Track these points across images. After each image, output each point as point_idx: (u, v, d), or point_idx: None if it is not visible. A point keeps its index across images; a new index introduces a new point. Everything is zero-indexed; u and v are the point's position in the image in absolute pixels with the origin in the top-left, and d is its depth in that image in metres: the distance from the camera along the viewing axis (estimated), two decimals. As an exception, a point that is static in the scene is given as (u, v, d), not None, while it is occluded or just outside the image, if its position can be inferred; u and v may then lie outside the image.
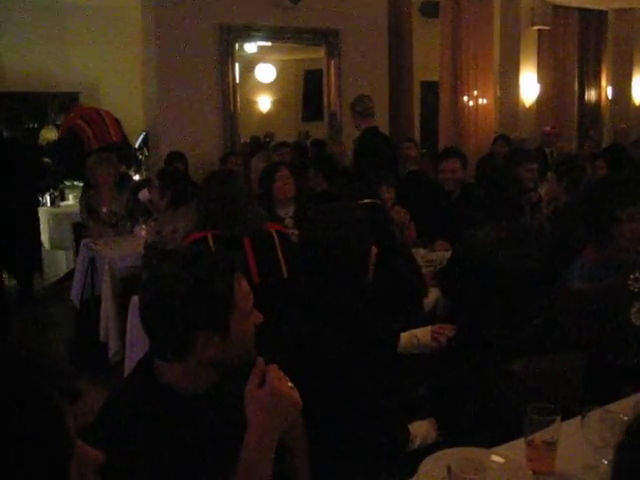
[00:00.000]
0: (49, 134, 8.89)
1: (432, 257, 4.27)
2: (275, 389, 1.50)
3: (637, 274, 2.70)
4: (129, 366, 3.72)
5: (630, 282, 2.70)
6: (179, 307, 1.51)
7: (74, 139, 6.66)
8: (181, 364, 1.55)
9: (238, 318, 1.57)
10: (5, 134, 7.08)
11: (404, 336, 2.58)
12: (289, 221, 4.25)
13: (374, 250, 2.34)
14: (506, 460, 1.82)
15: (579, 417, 1.91)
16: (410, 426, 2.32)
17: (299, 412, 1.58)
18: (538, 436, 1.82)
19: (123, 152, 6.48)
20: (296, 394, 1.54)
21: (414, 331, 2.61)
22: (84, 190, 6.09)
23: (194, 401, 1.56)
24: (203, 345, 1.53)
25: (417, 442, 2.29)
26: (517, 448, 1.91)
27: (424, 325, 2.73)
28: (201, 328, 1.52)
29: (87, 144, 6.77)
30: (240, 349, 1.59)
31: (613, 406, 2.14)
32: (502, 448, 1.97)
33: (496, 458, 1.82)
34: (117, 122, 7.24)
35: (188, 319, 1.51)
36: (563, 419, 1.85)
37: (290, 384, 1.54)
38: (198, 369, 1.56)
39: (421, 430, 2.33)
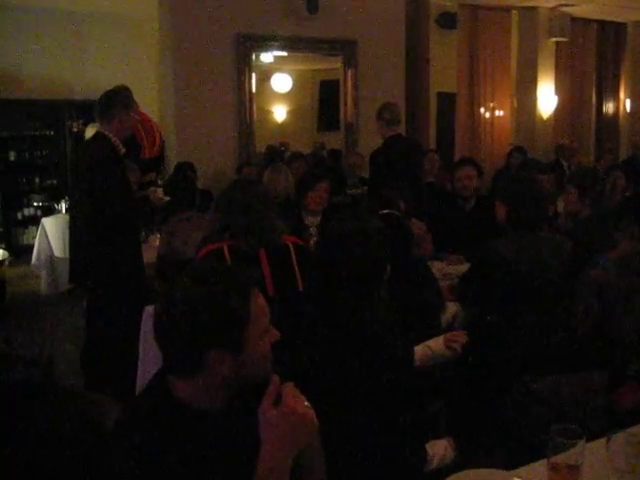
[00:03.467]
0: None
1: (449, 270, 4.21)
2: (291, 409, 1.46)
3: None
4: (141, 378, 3.67)
5: None
6: (192, 323, 1.48)
7: (133, 143, 6.56)
8: (195, 381, 1.52)
9: (253, 336, 1.53)
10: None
11: (418, 349, 2.53)
12: (314, 230, 4.23)
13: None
14: (529, 484, 1.76)
15: (602, 439, 1.86)
16: (427, 445, 2.27)
17: (316, 432, 1.53)
18: (561, 459, 1.76)
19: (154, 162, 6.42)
20: (312, 414, 1.49)
21: (427, 342, 2.56)
22: None
23: (209, 418, 1.53)
24: (216, 363, 1.49)
25: (434, 462, 2.24)
26: (539, 471, 1.85)
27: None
28: (213, 346, 1.49)
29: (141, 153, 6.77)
30: (255, 367, 1.55)
31: (637, 429, 2.08)
32: (523, 470, 1.91)
33: (518, 482, 1.77)
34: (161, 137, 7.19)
35: (201, 336, 1.48)
36: (587, 440, 1.80)
37: (306, 403, 1.49)
38: (212, 386, 1.52)
39: (439, 450, 2.27)
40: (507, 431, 2.40)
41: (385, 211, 3.31)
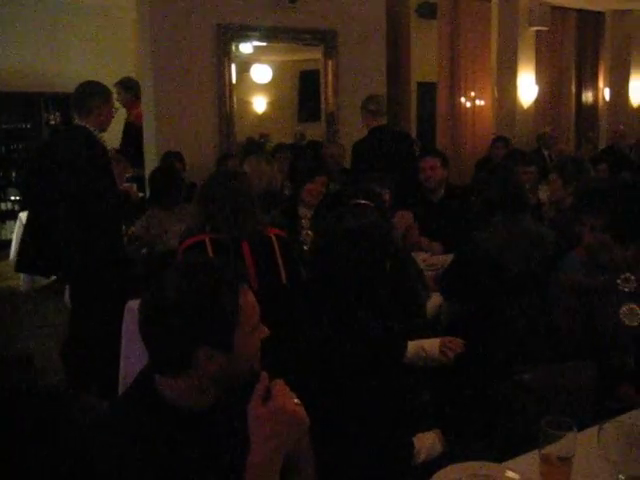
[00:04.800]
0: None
1: (433, 261, 4.20)
2: (281, 406, 1.43)
3: (627, 274, 2.68)
4: (124, 376, 3.62)
5: (619, 282, 2.68)
6: (181, 320, 1.44)
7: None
8: (182, 379, 1.48)
9: (242, 333, 1.50)
10: None
11: (411, 346, 2.49)
12: (306, 222, 4.22)
13: None
14: (521, 477, 1.74)
15: (592, 429, 1.85)
16: (414, 439, 2.24)
17: (306, 429, 1.50)
18: (553, 451, 1.74)
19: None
20: (302, 411, 1.47)
21: (422, 342, 2.50)
22: None
23: (197, 417, 1.49)
24: (204, 361, 1.46)
25: (422, 455, 2.22)
26: (530, 463, 1.83)
27: (429, 331, 2.66)
28: (203, 343, 1.45)
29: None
30: (244, 365, 1.52)
31: (626, 417, 2.08)
32: (514, 462, 1.90)
33: (511, 474, 1.75)
34: None
35: (189, 334, 1.44)
36: (577, 430, 1.78)
37: (296, 400, 1.46)
38: (200, 384, 1.49)
39: (426, 442, 2.25)
40: (497, 423, 2.38)
41: (361, 201, 3.26)
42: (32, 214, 4.45)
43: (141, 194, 5.21)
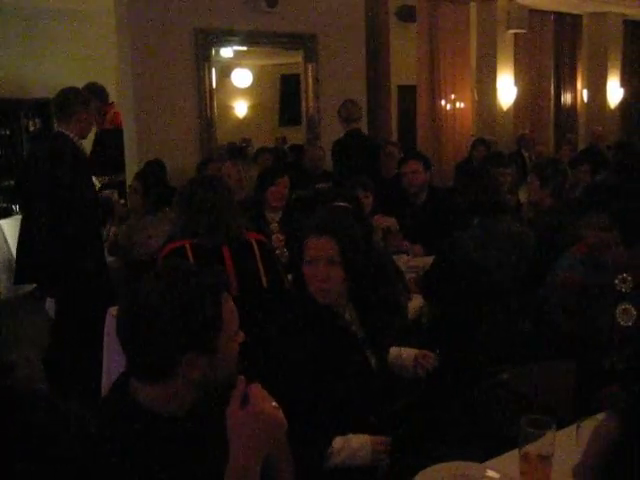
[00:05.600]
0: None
1: (415, 263, 4.21)
2: (259, 409, 1.43)
3: (625, 275, 2.71)
4: (107, 380, 3.59)
5: (617, 282, 2.71)
6: (165, 328, 1.44)
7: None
8: (162, 385, 1.48)
9: (224, 338, 1.51)
10: None
11: (393, 351, 2.49)
12: (275, 226, 4.19)
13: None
14: (501, 476, 1.75)
15: (573, 427, 1.86)
16: (340, 438, 2.08)
17: (284, 432, 1.51)
18: (532, 450, 1.76)
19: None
20: (281, 414, 1.47)
21: (403, 349, 2.49)
22: None
23: (174, 423, 1.49)
24: (188, 366, 1.46)
25: (337, 458, 2.05)
26: (511, 462, 1.85)
27: (410, 333, 2.67)
28: (189, 349, 1.46)
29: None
30: (225, 369, 1.53)
31: (604, 415, 2.09)
32: (495, 462, 1.91)
33: (491, 474, 1.76)
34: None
35: (174, 340, 1.45)
36: (557, 428, 1.80)
37: (274, 404, 1.47)
38: (181, 390, 1.49)
39: (351, 444, 2.07)
40: (479, 423, 2.39)
41: (339, 203, 3.27)
42: (23, 224, 4.42)
43: (122, 200, 5.17)
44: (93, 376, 3.71)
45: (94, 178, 4.72)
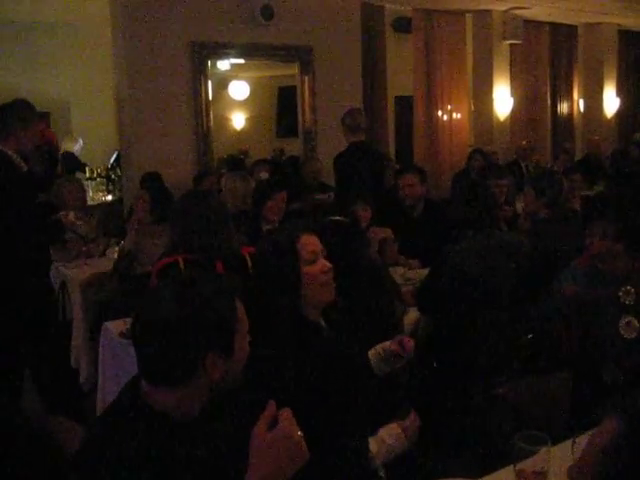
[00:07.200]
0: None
1: (411, 275, 4.20)
2: (287, 434, 1.42)
3: (628, 287, 2.69)
4: (102, 395, 3.58)
5: (621, 294, 2.69)
6: (186, 331, 1.47)
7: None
8: (180, 388, 1.49)
9: (239, 339, 1.56)
10: None
11: (370, 353, 2.45)
12: None
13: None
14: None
15: (568, 442, 1.85)
16: (373, 439, 2.11)
17: (305, 462, 1.46)
18: (528, 466, 1.75)
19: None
20: (304, 444, 1.45)
21: (377, 346, 2.43)
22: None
23: (187, 426, 1.50)
24: (210, 367, 1.49)
25: (379, 459, 2.09)
26: (506, 477, 1.83)
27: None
28: (210, 349, 1.49)
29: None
30: (238, 370, 1.57)
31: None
32: (490, 478, 1.90)
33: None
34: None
35: (196, 342, 1.48)
36: (552, 443, 1.79)
37: (300, 433, 1.45)
38: (197, 393, 1.51)
39: (387, 440, 2.11)
40: (474, 437, 2.38)
41: (336, 218, 3.25)
42: None
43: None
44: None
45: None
